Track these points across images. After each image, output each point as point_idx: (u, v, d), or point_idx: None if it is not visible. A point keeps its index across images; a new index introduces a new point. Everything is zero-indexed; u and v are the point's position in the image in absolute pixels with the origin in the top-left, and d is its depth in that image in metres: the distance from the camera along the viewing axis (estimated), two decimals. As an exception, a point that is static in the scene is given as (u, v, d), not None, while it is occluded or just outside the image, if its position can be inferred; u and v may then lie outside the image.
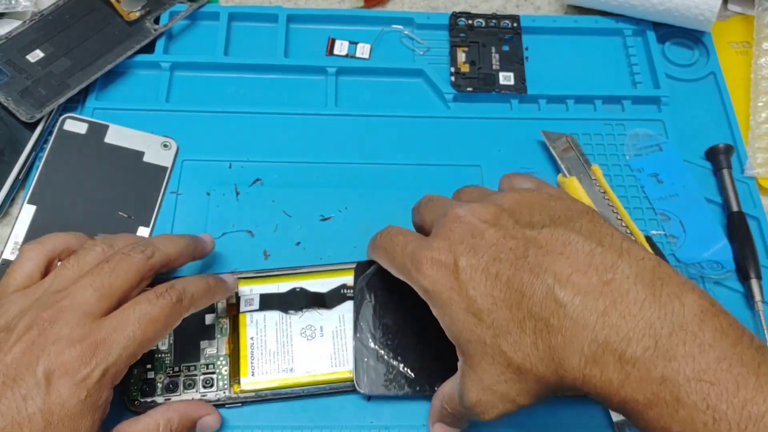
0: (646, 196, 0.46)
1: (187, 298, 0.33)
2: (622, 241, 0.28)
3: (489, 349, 0.28)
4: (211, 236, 0.40)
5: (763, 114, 0.49)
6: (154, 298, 0.32)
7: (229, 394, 0.37)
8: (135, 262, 0.33)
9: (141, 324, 0.31)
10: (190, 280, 0.34)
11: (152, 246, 0.34)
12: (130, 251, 0.33)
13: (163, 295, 0.32)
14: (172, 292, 0.32)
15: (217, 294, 0.36)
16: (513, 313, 0.27)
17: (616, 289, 0.25)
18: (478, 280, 0.28)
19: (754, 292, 0.41)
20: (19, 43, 0.47)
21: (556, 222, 0.29)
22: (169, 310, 0.32)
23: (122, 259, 0.33)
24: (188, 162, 0.45)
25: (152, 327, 0.31)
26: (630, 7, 0.51)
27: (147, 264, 0.33)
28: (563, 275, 0.26)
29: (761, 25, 0.52)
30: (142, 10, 0.50)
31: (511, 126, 0.48)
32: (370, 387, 0.37)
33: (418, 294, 0.32)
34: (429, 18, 0.52)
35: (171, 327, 0.32)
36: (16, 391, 0.28)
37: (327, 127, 0.47)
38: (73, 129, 0.45)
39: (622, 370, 0.25)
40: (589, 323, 0.25)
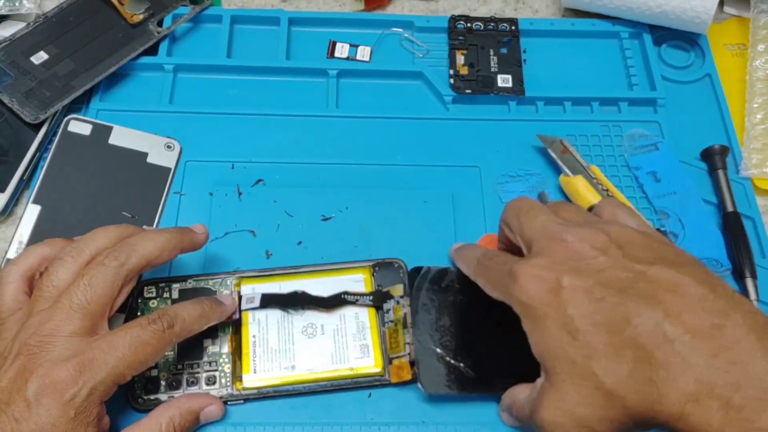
0: (645, 194, 0.46)
1: (178, 324, 0.33)
2: (734, 293, 0.27)
3: (578, 369, 0.27)
4: (203, 226, 0.39)
5: (758, 115, 0.50)
6: (146, 324, 0.32)
7: (232, 391, 0.38)
8: (110, 273, 0.32)
9: (131, 346, 0.31)
10: (183, 305, 0.35)
11: (126, 249, 0.34)
12: (104, 260, 0.33)
13: (154, 321, 0.32)
14: (164, 319, 0.33)
15: (212, 318, 0.36)
16: (612, 338, 0.27)
17: (727, 336, 0.25)
18: (580, 300, 0.28)
19: (750, 291, 0.42)
20: (23, 45, 0.48)
21: (666, 263, 0.28)
22: (160, 335, 0.32)
23: (96, 273, 0.32)
24: (191, 163, 0.46)
25: (142, 350, 0.31)
26: (627, 10, 0.52)
27: (123, 270, 0.33)
28: (674, 311, 0.26)
29: (756, 28, 0.53)
30: (145, 13, 0.50)
31: (509, 127, 0.49)
32: (432, 386, 0.37)
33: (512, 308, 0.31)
34: (428, 21, 0.53)
35: (162, 352, 0.33)
36: (9, 413, 0.29)
37: (328, 128, 0.48)
38: (77, 130, 0.46)
39: (726, 414, 0.24)
40: (698, 363, 0.25)
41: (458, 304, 0.40)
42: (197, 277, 0.41)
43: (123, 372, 0.31)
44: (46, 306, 0.32)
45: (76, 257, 0.34)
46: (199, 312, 0.35)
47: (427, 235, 0.44)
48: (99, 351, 0.31)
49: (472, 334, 0.39)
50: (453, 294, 0.40)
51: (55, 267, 0.33)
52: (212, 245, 0.43)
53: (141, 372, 0.32)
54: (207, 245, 0.42)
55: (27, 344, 0.30)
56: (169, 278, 0.41)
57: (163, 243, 0.35)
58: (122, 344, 0.31)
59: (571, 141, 0.48)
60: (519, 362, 0.33)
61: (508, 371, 0.37)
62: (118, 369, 0.31)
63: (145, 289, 0.40)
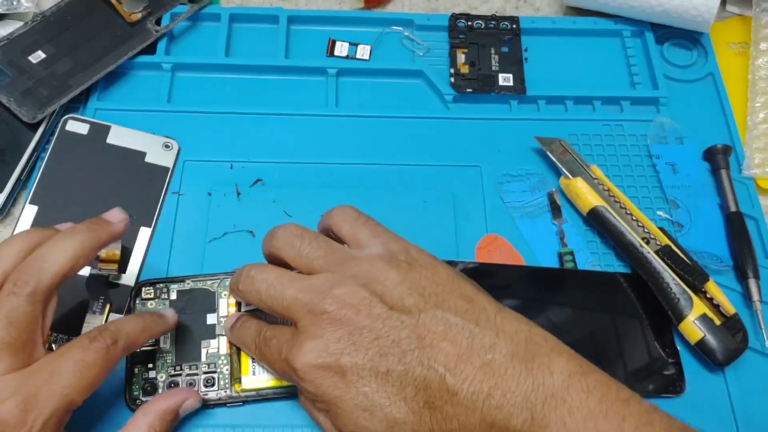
0: (659, 182, 0.46)
1: (122, 339, 0.31)
2: (496, 315, 0.29)
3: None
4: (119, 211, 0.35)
5: (761, 114, 0.49)
6: (87, 343, 0.30)
7: (230, 393, 0.37)
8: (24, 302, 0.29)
9: (75, 371, 0.29)
10: (124, 320, 0.33)
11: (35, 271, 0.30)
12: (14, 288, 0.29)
13: (96, 339, 0.30)
14: (105, 335, 0.31)
15: (154, 330, 0.34)
16: (409, 404, 0.28)
17: (496, 369, 0.27)
18: (368, 378, 0.28)
19: (752, 291, 0.42)
20: (20, 44, 0.47)
21: (429, 301, 0.29)
22: (104, 353, 0.30)
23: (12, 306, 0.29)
24: (190, 162, 0.46)
25: (88, 373, 0.30)
26: (629, 9, 0.51)
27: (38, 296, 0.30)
28: (451, 363, 0.28)
29: (759, 26, 0.52)
30: (143, 12, 0.50)
31: (510, 127, 0.49)
32: None
33: None
34: (429, 19, 0.53)
35: (109, 370, 0.31)
36: None
37: (327, 127, 0.48)
38: (75, 129, 0.45)
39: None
40: (478, 406, 0.27)
41: None
42: (195, 277, 0.40)
43: (72, 399, 0.29)
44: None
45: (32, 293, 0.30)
46: (141, 325, 0.33)
47: (428, 236, 0.43)
48: (41, 382, 0.29)
49: None
50: None
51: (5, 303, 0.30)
52: (211, 245, 0.43)
53: (91, 394, 0.30)
54: (206, 245, 0.42)
55: None
56: (167, 279, 0.40)
57: (76, 250, 0.31)
58: (65, 370, 0.29)
59: (572, 140, 0.47)
60: None
61: None
62: (67, 397, 0.29)
63: (143, 290, 0.40)
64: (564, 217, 0.45)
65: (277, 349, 0.31)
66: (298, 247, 0.32)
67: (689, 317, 0.39)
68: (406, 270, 0.30)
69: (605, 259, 0.44)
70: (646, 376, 0.39)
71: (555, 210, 0.45)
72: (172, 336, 0.38)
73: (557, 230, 0.44)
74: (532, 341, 0.28)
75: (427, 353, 0.28)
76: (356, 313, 0.29)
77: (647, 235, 0.42)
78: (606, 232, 0.43)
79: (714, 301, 0.40)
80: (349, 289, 0.29)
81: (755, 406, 0.39)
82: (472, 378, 0.27)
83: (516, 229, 0.44)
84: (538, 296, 0.42)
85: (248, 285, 0.32)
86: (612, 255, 0.44)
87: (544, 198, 0.46)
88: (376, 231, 0.33)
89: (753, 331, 0.41)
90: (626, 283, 0.42)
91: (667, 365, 0.40)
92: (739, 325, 0.40)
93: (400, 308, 0.29)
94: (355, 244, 0.33)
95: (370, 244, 0.32)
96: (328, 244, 0.32)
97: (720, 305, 0.40)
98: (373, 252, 0.31)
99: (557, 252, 0.43)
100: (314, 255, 0.32)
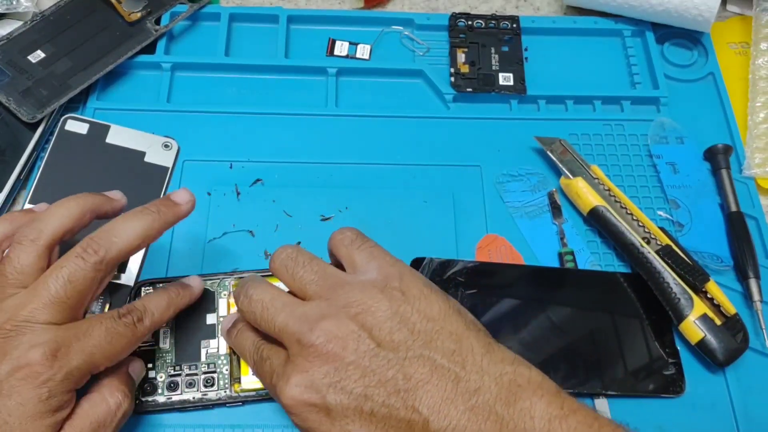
0: (660, 182, 0.46)
1: (147, 318, 0.33)
2: (482, 357, 0.29)
3: None
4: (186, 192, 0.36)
5: (761, 114, 0.49)
6: (117, 317, 0.32)
7: (230, 393, 0.37)
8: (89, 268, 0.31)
9: (107, 336, 0.31)
10: (150, 298, 0.34)
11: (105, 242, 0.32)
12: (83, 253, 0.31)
13: (125, 315, 0.32)
14: (134, 313, 0.33)
15: (180, 304, 0.36)
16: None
17: (479, 414, 0.27)
18: (352, 418, 0.28)
19: (753, 291, 0.41)
20: (20, 44, 0.47)
21: (418, 339, 0.29)
22: (132, 329, 0.32)
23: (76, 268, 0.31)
24: (189, 162, 0.46)
25: (118, 341, 0.31)
26: (629, 8, 0.51)
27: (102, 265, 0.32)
28: (435, 406, 0.27)
29: (759, 26, 0.52)
30: (143, 11, 0.50)
31: (510, 126, 0.48)
32: None
33: None
34: (429, 19, 0.53)
35: (133, 346, 0.33)
36: None
37: (327, 127, 0.48)
38: (74, 129, 0.45)
39: None
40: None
41: (460, 296, 0.39)
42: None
43: (98, 361, 0.31)
44: (15, 292, 0.31)
45: (35, 240, 0.32)
46: (166, 302, 0.35)
47: (428, 236, 0.43)
48: (74, 338, 0.30)
49: None
50: (455, 286, 0.40)
51: (16, 252, 0.32)
52: (210, 245, 0.42)
53: (113, 363, 0.32)
54: (205, 245, 0.42)
55: (1, 328, 0.30)
56: (166, 279, 0.40)
57: (144, 230, 0.33)
58: (98, 333, 0.31)
59: (572, 140, 0.47)
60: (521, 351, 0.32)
61: None
62: (93, 357, 0.31)
63: (143, 290, 0.39)
64: (564, 217, 0.45)
65: (270, 373, 0.31)
66: (291, 270, 0.32)
67: (690, 317, 0.39)
68: (399, 301, 0.30)
69: (605, 259, 0.44)
70: (646, 376, 0.39)
71: (555, 210, 0.45)
72: (172, 336, 0.38)
73: (557, 230, 0.44)
74: (515, 383, 0.28)
75: (412, 395, 0.28)
76: (343, 349, 0.29)
77: (648, 234, 0.42)
78: (606, 232, 0.43)
79: (714, 301, 0.40)
80: (338, 321, 0.29)
81: (756, 406, 0.39)
82: (456, 423, 0.27)
83: (516, 229, 0.44)
84: (538, 296, 0.42)
85: (245, 305, 0.32)
86: (612, 255, 0.44)
87: (545, 198, 0.46)
88: (372, 254, 0.33)
89: (753, 331, 0.41)
90: (626, 283, 0.42)
91: (667, 365, 0.40)
92: (740, 325, 0.40)
93: (388, 344, 0.29)
94: (351, 268, 0.33)
95: (366, 269, 0.32)
96: (322, 268, 0.32)
97: (720, 305, 0.40)
98: (367, 278, 0.31)
99: (557, 252, 0.43)
100: (307, 279, 0.32)
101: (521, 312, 0.41)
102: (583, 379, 0.39)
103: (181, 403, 0.37)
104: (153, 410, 0.37)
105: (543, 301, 0.41)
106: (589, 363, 0.39)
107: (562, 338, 0.40)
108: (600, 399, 0.39)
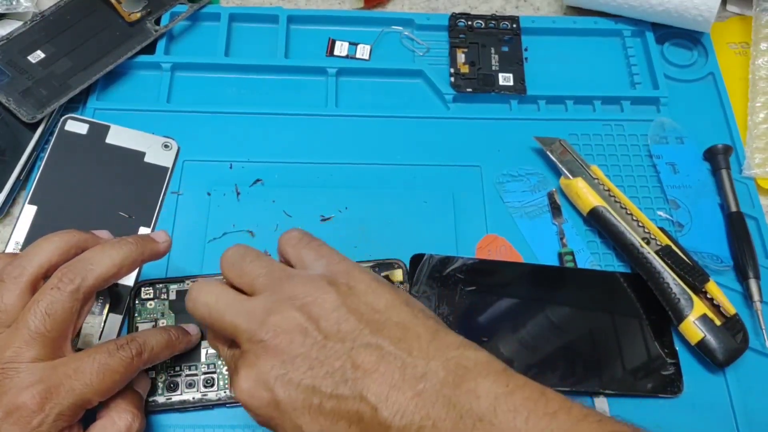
0: (660, 182, 0.46)
1: (147, 352, 0.33)
2: (429, 343, 0.29)
3: None
4: (165, 234, 0.36)
5: (761, 114, 0.49)
6: (114, 350, 0.31)
7: (230, 393, 0.37)
8: (66, 298, 0.31)
9: (99, 373, 0.31)
10: (152, 333, 0.34)
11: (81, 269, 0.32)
12: (59, 283, 0.31)
13: (123, 348, 0.32)
14: (132, 345, 0.32)
15: (177, 347, 0.36)
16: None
17: (427, 399, 0.27)
18: (302, 411, 0.28)
19: (753, 291, 0.41)
20: (20, 44, 0.47)
21: (366, 327, 0.29)
22: (128, 362, 0.32)
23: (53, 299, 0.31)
24: (189, 162, 0.46)
25: (110, 377, 0.31)
26: (629, 8, 0.51)
27: (79, 294, 0.31)
28: (383, 394, 0.27)
29: (759, 26, 0.52)
30: (143, 11, 0.50)
31: (510, 126, 0.48)
32: None
33: None
34: (429, 19, 0.53)
35: (128, 379, 0.32)
36: None
37: (327, 127, 0.48)
38: (74, 129, 0.45)
39: None
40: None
41: (459, 292, 0.40)
42: (195, 278, 0.40)
43: (90, 398, 0.31)
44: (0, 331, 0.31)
45: (18, 277, 0.32)
46: (166, 341, 0.35)
47: (428, 236, 0.43)
48: (65, 376, 0.30)
49: (472, 323, 0.39)
50: (454, 282, 0.40)
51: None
52: (210, 245, 0.42)
53: (107, 398, 0.32)
54: (205, 245, 0.42)
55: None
56: (166, 279, 0.40)
57: (122, 259, 0.33)
58: (90, 370, 0.30)
59: (572, 140, 0.47)
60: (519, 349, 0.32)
61: (507, 359, 0.37)
62: (85, 395, 0.30)
63: (143, 290, 0.39)
64: (564, 217, 0.45)
65: (229, 363, 0.31)
66: (239, 266, 0.32)
67: (689, 317, 0.39)
68: (345, 293, 0.30)
69: (605, 259, 0.44)
70: (645, 375, 0.39)
71: (555, 210, 0.45)
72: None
73: (557, 230, 0.44)
74: (461, 366, 0.28)
75: (360, 384, 0.28)
76: (290, 342, 0.29)
77: (647, 235, 0.42)
78: (606, 232, 0.43)
79: (714, 301, 0.40)
80: (284, 314, 0.29)
81: (755, 406, 0.39)
82: (404, 409, 0.27)
83: (516, 229, 0.44)
84: (537, 294, 0.42)
85: (192, 309, 0.32)
86: (612, 255, 0.44)
87: (544, 198, 0.46)
88: (320, 252, 0.32)
89: (753, 331, 0.41)
90: (626, 283, 0.42)
91: (666, 365, 0.40)
92: (740, 325, 0.40)
93: (335, 335, 0.29)
94: (300, 266, 0.32)
95: (314, 265, 0.32)
96: (269, 263, 0.32)
97: (720, 305, 0.40)
98: (314, 272, 0.31)
99: (557, 252, 0.43)
100: (255, 273, 0.31)
101: (520, 310, 0.41)
102: (582, 378, 0.39)
103: (180, 403, 0.37)
104: (153, 411, 0.37)
105: (542, 299, 0.41)
106: (588, 362, 0.39)
107: (562, 337, 0.40)
108: (599, 398, 0.39)
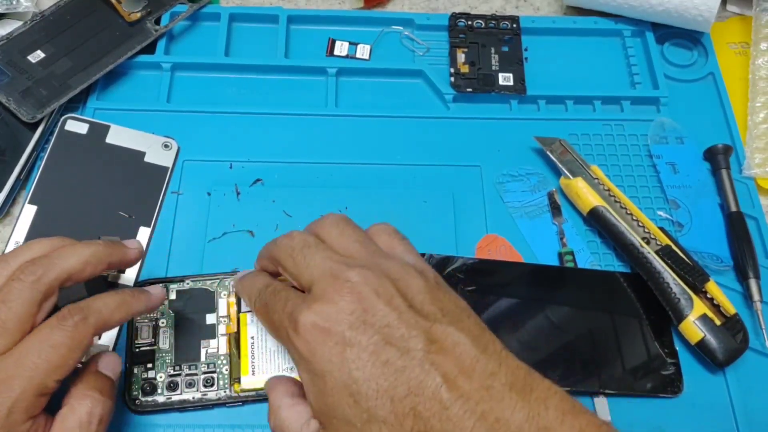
0: (659, 182, 0.46)
1: (92, 316, 0.31)
2: (502, 349, 0.29)
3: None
4: (138, 242, 0.36)
5: (761, 114, 0.49)
6: (56, 323, 0.30)
7: (230, 393, 0.37)
8: (25, 288, 0.30)
9: (41, 353, 0.29)
10: (99, 296, 0.32)
11: (45, 263, 0.31)
12: (20, 275, 0.31)
13: (64, 318, 0.30)
14: (74, 313, 0.30)
15: (134, 307, 0.33)
16: (395, 406, 0.27)
17: (494, 395, 0.27)
18: (366, 361, 0.27)
19: (753, 291, 0.41)
20: (20, 44, 0.47)
21: (447, 316, 0.29)
22: (72, 332, 0.30)
23: (11, 289, 0.30)
24: (189, 162, 0.46)
25: (55, 354, 0.29)
26: (629, 8, 0.51)
27: (39, 286, 0.30)
28: (450, 376, 0.27)
29: (759, 26, 0.52)
30: (143, 11, 0.50)
31: (510, 126, 0.48)
32: None
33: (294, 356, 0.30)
34: (429, 19, 0.53)
35: (80, 349, 0.30)
36: None
37: (327, 127, 0.48)
38: (74, 129, 0.45)
39: None
40: (467, 427, 0.26)
41: (459, 292, 0.39)
42: (195, 277, 0.40)
43: (42, 381, 0.29)
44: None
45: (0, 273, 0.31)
46: (118, 301, 0.32)
47: (428, 235, 0.43)
48: (14, 365, 0.29)
49: None
50: (454, 282, 0.40)
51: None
52: (210, 245, 0.42)
53: (67, 374, 0.30)
54: (205, 245, 0.42)
55: None
56: (166, 279, 0.40)
57: (87, 257, 0.32)
58: (32, 352, 0.29)
59: (572, 140, 0.47)
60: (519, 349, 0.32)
61: None
62: (34, 380, 0.29)
63: (143, 290, 0.39)
64: (564, 217, 0.45)
65: (284, 301, 0.31)
66: (341, 226, 0.32)
67: (689, 317, 0.39)
68: (433, 285, 0.31)
69: (605, 259, 0.44)
70: (644, 375, 0.39)
71: (555, 210, 0.45)
72: (172, 336, 0.38)
73: (557, 230, 0.44)
74: (530, 377, 0.28)
75: (431, 359, 0.27)
76: (377, 296, 0.29)
77: (647, 235, 0.42)
78: (606, 232, 0.43)
79: (714, 301, 0.40)
80: (377, 276, 0.29)
81: (755, 406, 0.39)
82: (467, 397, 0.27)
83: (516, 229, 0.44)
84: (537, 294, 0.42)
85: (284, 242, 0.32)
86: (612, 255, 0.44)
87: (544, 198, 0.46)
88: (409, 248, 0.33)
89: (753, 331, 0.41)
90: (626, 282, 0.42)
91: (666, 365, 0.40)
92: (740, 325, 0.40)
93: (419, 311, 0.29)
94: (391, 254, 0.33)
95: (404, 257, 0.33)
96: (366, 237, 0.33)
97: (720, 305, 0.40)
98: (407, 259, 0.32)
99: (557, 252, 0.43)
100: (353, 237, 0.32)
101: (520, 310, 0.41)
102: (582, 378, 0.39)
103: (180, 403, 0.37)
104: (152, 410, 0.37)
105: (542, 299, 0.41)
106: (588, 362, 0.39)
107: (561, 337, 0.40)
108: (599, 398, 0.39)
